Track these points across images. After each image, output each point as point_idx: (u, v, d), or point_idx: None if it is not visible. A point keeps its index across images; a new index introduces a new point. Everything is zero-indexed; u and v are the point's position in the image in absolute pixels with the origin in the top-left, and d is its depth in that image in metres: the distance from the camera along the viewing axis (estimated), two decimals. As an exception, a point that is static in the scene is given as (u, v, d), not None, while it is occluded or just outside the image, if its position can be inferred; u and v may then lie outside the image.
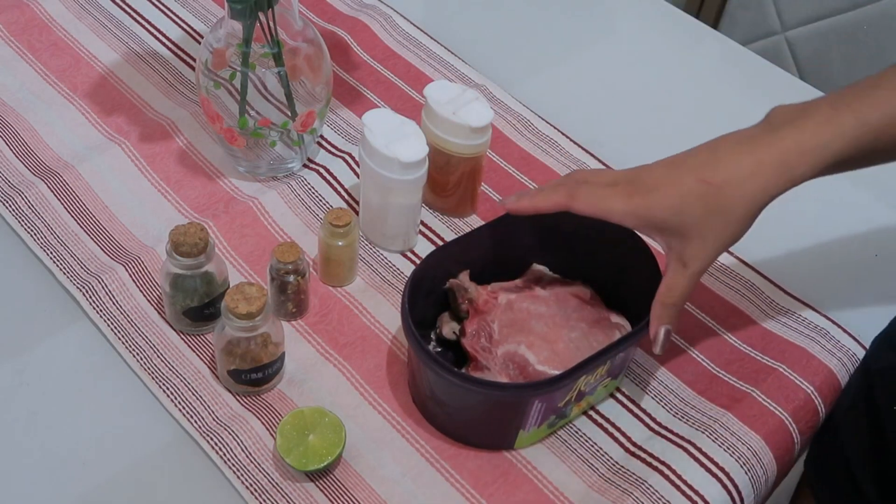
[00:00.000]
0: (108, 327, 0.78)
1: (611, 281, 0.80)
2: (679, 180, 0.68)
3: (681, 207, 0.67)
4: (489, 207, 0.92)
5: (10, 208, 0.86)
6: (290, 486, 0.70)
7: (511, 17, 1.15)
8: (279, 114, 0.86)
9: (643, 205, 0.68)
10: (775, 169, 0.67)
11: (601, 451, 0.75)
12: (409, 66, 1.05)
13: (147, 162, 0.91)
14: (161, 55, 1.03)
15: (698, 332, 0.83)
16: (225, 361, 0.73)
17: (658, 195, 0.68)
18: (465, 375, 0.71)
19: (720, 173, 0.67)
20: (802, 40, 1.59)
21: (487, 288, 0.79)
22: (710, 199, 0.67)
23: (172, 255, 0.74)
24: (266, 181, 0.91)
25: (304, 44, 0.85)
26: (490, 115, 0.83)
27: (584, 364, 0.69)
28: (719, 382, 0.80)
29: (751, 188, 0.67)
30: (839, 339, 0.83)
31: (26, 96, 0.96)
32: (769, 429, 0.76)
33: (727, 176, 0.67)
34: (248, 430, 0.73)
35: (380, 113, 0.82)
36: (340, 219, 0.79)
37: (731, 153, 0.68)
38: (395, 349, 0.79)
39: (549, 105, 1.03)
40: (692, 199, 0.67)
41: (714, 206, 0.67)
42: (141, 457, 0.72)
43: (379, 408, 0.76)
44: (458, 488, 0.72)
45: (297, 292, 0.79)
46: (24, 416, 0.73)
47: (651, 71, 1.09)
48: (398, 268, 0.86)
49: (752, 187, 0.67)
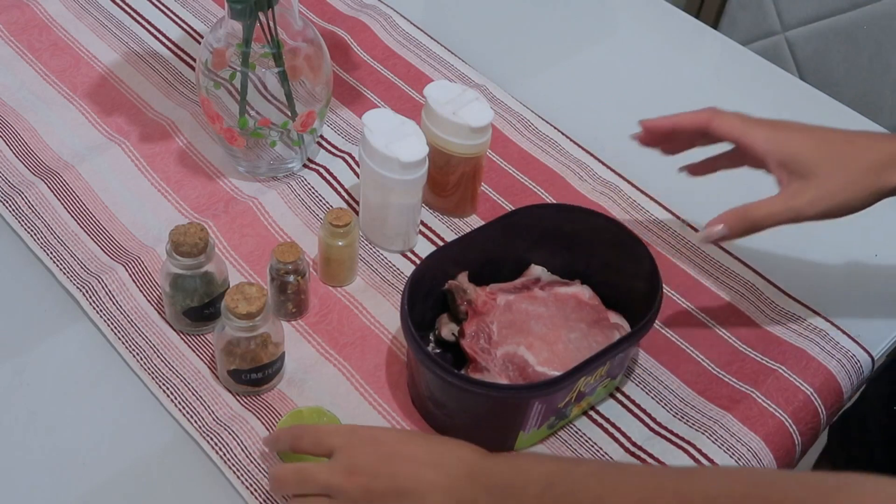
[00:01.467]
0: (108, 327, 0.78)
1: (609, 281, 0.80)
2: (823, 133, 0.72)
3: (818, 149, 0.71)
4: (489, 207, 0.92)
5: (10, 208, 0.86)
6: (289, 487, 0.70)
7: (511, 17, 1.15)
8: (279, 114, 0.86)
9: (784, 136, 0.72)
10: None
11: (601, 452, 0.75)
12: (409, 66, 1.05)
13: (147, 162, 0.91)
14: (161, 55, 1.03)
15: (698, 332, 0.83)
16: (225, 361, 0.73)
17: (801, 134, 0.72)
18: (465, 377, 0.71)
19: (861, 143, 0.72)
20: (802, 40, 1.59)
21: (486, 289, 0.79)
22: (849, 157, 0.71)
23: (172, 255, 0.74)
24: (266, 181, 0.91)
25: (304, 44, 0.85)
26: (490, 115, 0.83)
27: (583, 365, 0.69)
28: (719, 383, 0.80)
29: (884, 170, 0.71)
30: (839, 340, 0.83)
31: (26, 96, 0.96)
32: (769, 430, 0.76)
33: (866, 149, 0.71)
34: (248, 430, 0.73)
35: (380, 113, 0.82)
36: (340, 219, 0.79)
37: (870, 139, 0.72)
38: (394, 349, 0.79)
39: (549, 105, 1.03)
40: (833, 147, 0.71)
41: (850, 164, 0.71)
42: (141, 457, 0.72)
43: (379, 408, 0.76)
44: (458, 488, 0.72)
45: (297, 292, 0.79)
46: (24, 416, 0.73)
47: (651, 71, 1.09)
48: (398, 268, 0.86)
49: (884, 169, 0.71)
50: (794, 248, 0.92)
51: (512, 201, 0.93)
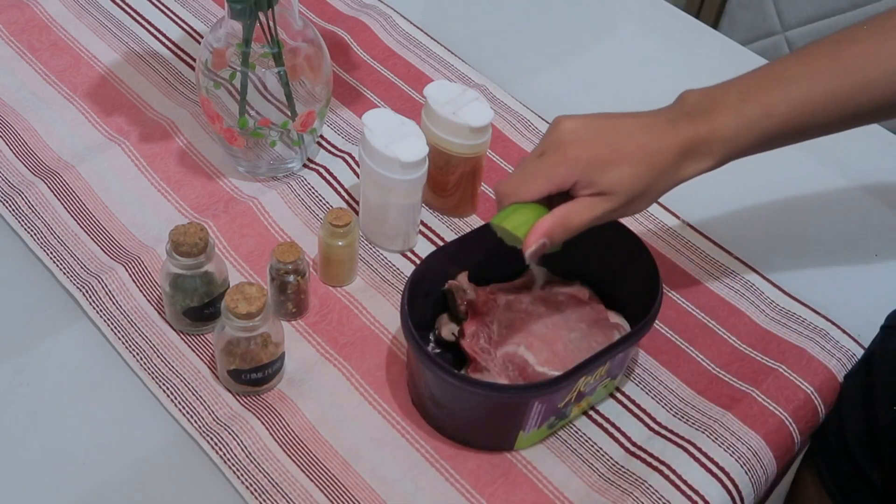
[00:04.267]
0: (108, 327, 0.78)
1: (609, 281, 0.80)
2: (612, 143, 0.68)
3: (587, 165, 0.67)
4: (489, 207, 0.92)
5: (10, 208, 0.86)
6: (290, 486, 0.70)
7: (511, 17, 1.15)
8: (279, 114, 0.86)
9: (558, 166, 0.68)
10: (678, 155, 0.69)
11: (601, 451, 0.75)
12: (409, 66, 1.05)
13: (147, 162, 0.91)
14: (161, 55, 1.03)
15: (698, 332, 0.83)
16: (225, 361, 0.73)
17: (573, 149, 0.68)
18: (465, 377, 0.71)
19: (648, 141, 0.69)
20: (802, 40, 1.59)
21: (486, 289, 0.79)
22: (643, 162, 0.68)
23: (172, 255, 0.74)
24: (266, 181, 0.91)
25: (304, 44, 0.85)
26: (490, 115, 0.83)
27: (583, 365, 0.69)
28: (719, 382, 0.80)
29: (679, 166, 0.69)
30: (839, 339, 0.83)
31: (26, 96, 0.96)
32: (769, 429, 0.76)
33: (658, 147, 0.69)
34: (248, 430, 0.73)
35: (380, 113, 0.82)
36: (340, 219, 0.79)
37: (658, 145, 0.69)
38: (394, 349, 0.79)
39: (549, 105, 1.03)
40: (624, 154, 0.68)
41: (646, 171, 0.68)
42: (141, 457, 0.72)
43: (379, 408, 0.76)
44: (458, 488, 0.72)
45: (297, 292, 0.79)
46: (24, 415, 0.73)
47: (651, 71, 1.09)
48: (398, 268, 0.86)
49: (680, 165, 0.69)
50: (794, 248, 0.92)
51: (512, 201, 0.92)
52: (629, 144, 0.68)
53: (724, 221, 0.93)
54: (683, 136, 0.69)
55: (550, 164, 0.68)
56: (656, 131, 0.69)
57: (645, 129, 0.69)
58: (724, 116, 0.69)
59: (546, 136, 0.70)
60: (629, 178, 0.67)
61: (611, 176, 0.67)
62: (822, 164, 1.00)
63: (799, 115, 0.70)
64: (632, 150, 0.67)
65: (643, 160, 0.68)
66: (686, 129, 0.69)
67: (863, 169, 1.00)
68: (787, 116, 0.70)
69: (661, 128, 0.69)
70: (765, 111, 0.70)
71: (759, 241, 0.92)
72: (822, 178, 0.99)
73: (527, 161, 0.70)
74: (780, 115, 0.70)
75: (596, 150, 0.67)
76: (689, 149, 0.69)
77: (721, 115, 0.69)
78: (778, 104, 0.70)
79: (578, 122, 0.69)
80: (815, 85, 0.71)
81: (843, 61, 0.71)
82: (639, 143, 0.68)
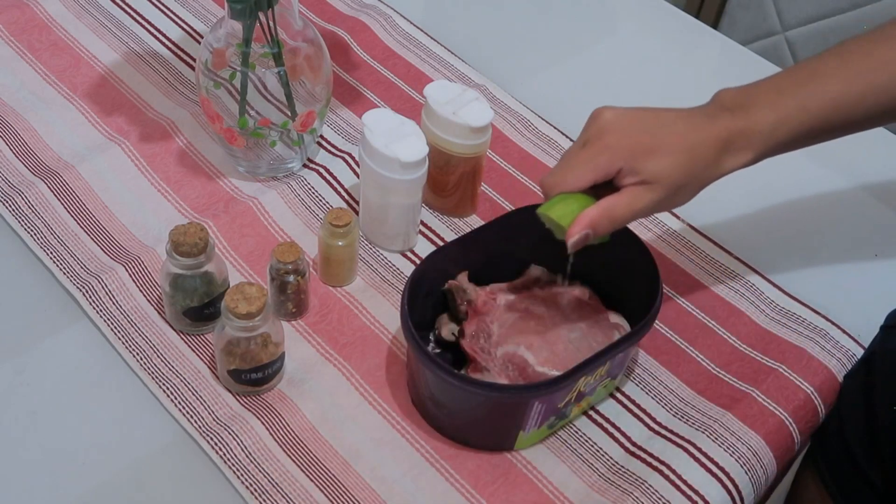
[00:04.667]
0: (108, 327, 0.78)
1: (609, 281, 0.80)
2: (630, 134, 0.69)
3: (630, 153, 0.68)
4: (489, 207, 0.92)
5: (10, 208, 0.86)
6: (289, 486, 0.70)
7: (511, 17, 1.15)
8: (279, 114, 0.86)
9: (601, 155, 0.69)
10: (718, 148, 0.70)
11: (601, 451, 0.75)
12: (409, 66, 1.05)
13: (147, 162, 0.91)
14: (161, 55, 1.03)
15: (698, 332, 0.83)
16: (225, 361, 0.73)
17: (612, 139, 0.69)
18: (465, 377, 0.71)
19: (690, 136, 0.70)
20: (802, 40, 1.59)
21: (486, 289, 0.79)
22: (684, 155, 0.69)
23: (172, 255, 0.74)
24: (266, 181, 0.91)
25: (304, 44, 0.85)
26: (490, 115, 0.83)
27: (583, 365, 0.69)
28: (719, 382, 0.80)
29: (719, 160, 0.70)
30: (839, 339, 0.83)
31: (26, 96, 0.96)
32: (769, 429, 0.76)
33: (697, 141, 0.70)
34: (248, 430, 0.73)
35: (380, 113, 0.82)
36: (340, 219, 0.79)
37: (679, 125, 0.70)
38: (394, 349, 0.79)
39: (549, 105, 1.03)
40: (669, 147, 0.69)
41: (687, 163, 0.69)
42: (141, 457, 0.72)
43: (379, 408, 0.76)
44: (458, 488, 0.72)
45: (297, 292, 0.79)
46: (23, 415, 0.73)
47: (651, 71, 1.09)
48: (398, 268, 0.86)
49: (720, 159, 0.70)
50: (794, 248, 0.92)
51: (512, 201, 0.93)
52: (670, 135, 0.69)
53: (724, 222, 0.93)
54: (723, 128, 0.70)
55: (593, 153, 0.69)
56: (696, 123, 0.70)
57: (685, 122, 0.70)
58: (761, 110, 0.70)
59: (587, 126, 0.71)
60: (672, 167, 0.68)
61: (653, 165, 0.68)
62: (822, 164, 1.00)
63: (835, 109, 0.71)
64: (673, 141, 0.69)
65: (685, 151, 0.69)
66: (725, 122, 0.70)
67: (863, 169, 1.00)
68: (824, 111, 0.71)
69: (701, 120, 0.70)
70: (801, 105, 0.71)
71: (759, 241, 0.92)
72: (822, 178, 0.99)
73: (569, 152, 0.71)
74: (817, 110, 0.71)
75: (637, 139, 0.68)
76: (728, 142, 0.70)
77: (758, 110, 0.70)
78: (814, 99, 0.71)
79: (619, 112, 0.70)
80: (850, 80, 0.72)
81: (879, 57, 0.72)
82: (679, 135, 0.69)
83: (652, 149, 0.68)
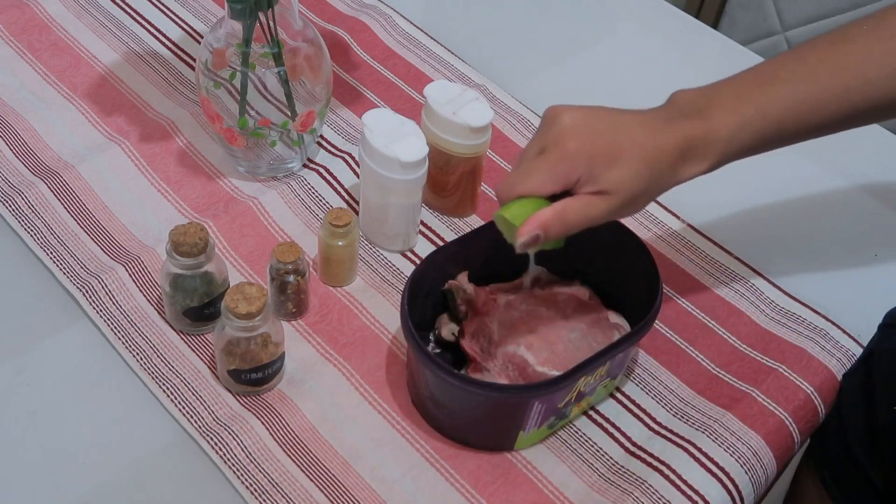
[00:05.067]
0: (108, 327, 0.78)
1: (609, 281, 0.80)
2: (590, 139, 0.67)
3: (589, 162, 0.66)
4: (489, 207, 0.92)
5: (10, 208, 0.86)
6: (290, 486, 0.70)
7: (511, 17, 1.15)
8: (279, 114, 0.86)
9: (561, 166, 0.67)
10: (676, 156, 0.67)
11: (601, 451, 0.75)
12: (409, 66, 1.05)
13: (147, 162, 0.91)
14: (161, 55, 1.03)
15: (698, 332, 0.83)
16: (225, 361, 0.73)
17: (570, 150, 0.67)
18: (465, 377, 0.71)
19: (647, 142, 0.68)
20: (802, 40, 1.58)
21: (486, 289, 0.79)
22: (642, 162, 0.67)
23: (172, 255, 0.74)
24: (266, 181, 0.91)
25: (304, 44, 0.85)
26: (490, 115, 0.83)
27: (583, 365, 0.69)
28: (719, 382, 0.80)
29: (678, 166, 0.68)
30: (839, 339, 0.83)
31: (26, 96, 0.96)
32: (769, 429, 0.76)
33: (655, 148, 0.67)
34: (248, 430, 0.73)
35: (380, 113, 0.82)
36: (340, 219, 0.79)
37: (637, 131, 0.68)
38: (394, 349, 0.79)
39: (549, 105, 1.03)
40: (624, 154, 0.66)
41: (644, 171, 0.67)
42: (141, 457, 0.72)
43: (379, 408, 0.76)
44: (458, 488, 0.72)
45: (297, 292, 0.79)
46: (23, 415, 0.73)
47: (651, 71, 1.09)
48: (398, 268, 0.86)
49: (678, 165, 0.68)
50: (794, 248, 0.92)
51: (512, 201, 0.92)
52: (629, 142, 0.67)
53: (724, 221, 0.93)
54: (681, 135, 0.68)
55: (552, 162, 0.66)
56: (654, 130, 0.68)
57: (643, 127, 0.68)
58: (719, 116, 0.68)
59: (543, 129, 0.69)
60: (631, 177, 0.66)
61: (612, 174, 0.66)
62: (822, 164, 1.00)
63: (794, 114, 0.70)
64: (633, 149, 0.66)
65: (644, 159, 0.66)
66: (683, 128, 0.68)
67: (863, 169, 1.00)
68: (783, 116, 0.69)
69: (659, 126, 0.68)
70: (759, 111, 0.69)
71: (759, 241, 0.92)
72: (821, 178, 0.99)
73: (525, 158, 0.69)
74: (776, 115, 0.69)
75: (596, 147, 0.66)
76: (686, 149, 0.68)
77: (717, 115, 0.68)
78: (773, 104, 0.69)
79: (577, 116, 0.68)
80: (810, 84, 0.70)
81: (838, 60, 0.70)
82: (638, 142, 0.67)
83: (611, 158, 0.66)
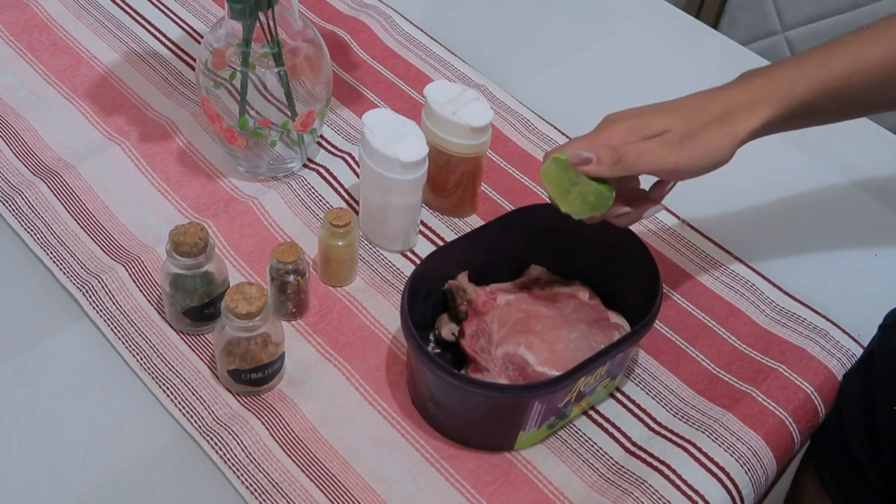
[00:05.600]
0: (108, 327, 0.78)
1: (610, 281, 0.80)
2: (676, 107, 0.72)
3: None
4: (489, 207, 0.92)
5: (10, 208, 0.86)
6: (290, 486, 0.70)
7: (511, 17, 1.15)
8: (279, 114, 0.86)
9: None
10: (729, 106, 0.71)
11: (601, 451, 0.75)
12: (409, 66, 1.05)
13: (147, 162, 0.91)
14: (161, 55, 1.03)
15: (698, 332, 0.83)
16: (225, 361, 0.73)
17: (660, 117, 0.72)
18: (465, 377, 0.71)
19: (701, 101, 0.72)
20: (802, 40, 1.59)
21: (486, 289, 0.79)
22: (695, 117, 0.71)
23: (172, 255, 0.74)
24: (266, 181, 0.91)
25: (304, 44, 0.85)
26: (490, 115, 0.83)
27: (583, 365, 0.69)
28: (719, 382, 0.80)
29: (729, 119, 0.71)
30: (839, 339, 0.83)
31: (26, 96, 0.96)
32: (769, 428, 0.76)
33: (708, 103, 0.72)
34: (248, 430, 0.73)
35: (380, 113, 0.82)
36: (340, 219, 0.79)
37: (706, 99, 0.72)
38: (394, 349, 0.79)
39: (549, 105, 1.03)
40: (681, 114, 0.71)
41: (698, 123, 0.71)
42: (141, 457, 0.72)
43: (379, 408, 0.76)
44: (458, 488, 0.72)
45: (297, 292, 0.79)
46: (23, 415, 0.73)
47: (651, 71, 1.09)
48: (398, 268, 0.86)
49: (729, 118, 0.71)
50: (794, 248, 0.92)
51: (512, 201, 0.93)
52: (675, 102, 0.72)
53: (724, 221, 0.93)
54: (737, 89, 0.72)
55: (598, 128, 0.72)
56: (706, 92, 0.72)
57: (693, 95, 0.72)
58: (779, 68, 0.73)
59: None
60: (677, 119, 0.70)
61: (659, 119, 0.70)
62: (822, 163, 1.00)
63: (855, 72, 0.73)
64: (679, 104, 0.71)
65: (691, 107, 0.71)
66: (740, 85, 0.72)
67: (862, 168, 1.00)
68: (844, 72, 0.72)
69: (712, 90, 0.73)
70: (821, 62, 0.72)
71: (759, 241, 0.92)
72: (821, 177, 0.99)
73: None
74: (839, 69, 0.72)
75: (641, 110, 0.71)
76: (744, 100, 0.71)
77: (777, 68, 0.73)
78: (835, 59, 0.73)
79: (623, 111, 0.73)
80: (872, 48, 0.73)
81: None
82: (687, 100, 0.72)
83: (657, 111, 0.71)
